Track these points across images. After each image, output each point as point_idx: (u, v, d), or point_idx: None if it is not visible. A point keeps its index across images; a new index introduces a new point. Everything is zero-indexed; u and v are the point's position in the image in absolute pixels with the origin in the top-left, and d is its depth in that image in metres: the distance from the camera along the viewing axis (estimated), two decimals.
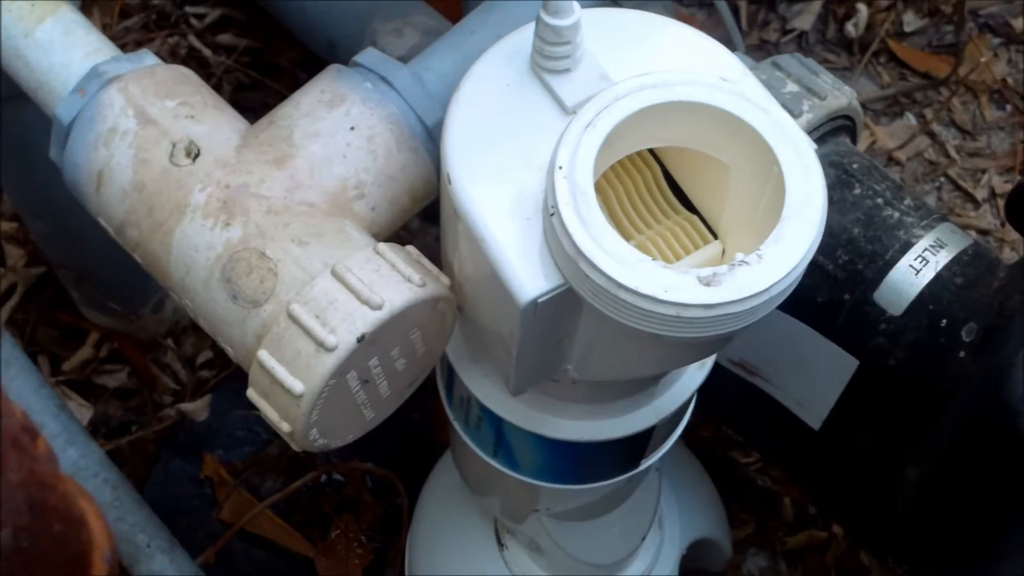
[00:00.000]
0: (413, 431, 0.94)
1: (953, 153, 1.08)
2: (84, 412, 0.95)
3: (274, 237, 0.56)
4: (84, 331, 0.98)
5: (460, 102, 0.56)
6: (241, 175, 0.58)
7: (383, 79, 0.61)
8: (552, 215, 0.50)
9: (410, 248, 0.59)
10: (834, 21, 1.14)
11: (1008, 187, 1.07)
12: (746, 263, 0.50)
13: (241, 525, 0.87)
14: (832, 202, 0.69)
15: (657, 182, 0.59)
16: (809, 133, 0.69)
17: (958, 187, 1.08)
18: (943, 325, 0.66)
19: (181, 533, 0.81)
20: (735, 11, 1.15)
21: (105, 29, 1.07)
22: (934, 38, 1.13)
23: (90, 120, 0.60)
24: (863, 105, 1.11)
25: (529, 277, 0.52)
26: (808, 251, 0.50)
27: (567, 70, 0.55)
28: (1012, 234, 1.05)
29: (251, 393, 0.56)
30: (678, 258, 0.57)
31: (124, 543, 0.72)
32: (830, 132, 0.71)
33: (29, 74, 0.64)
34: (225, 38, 1.10)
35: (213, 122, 0.60)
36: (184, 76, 0.62)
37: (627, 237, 0.57)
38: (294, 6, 1.02)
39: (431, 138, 0.61)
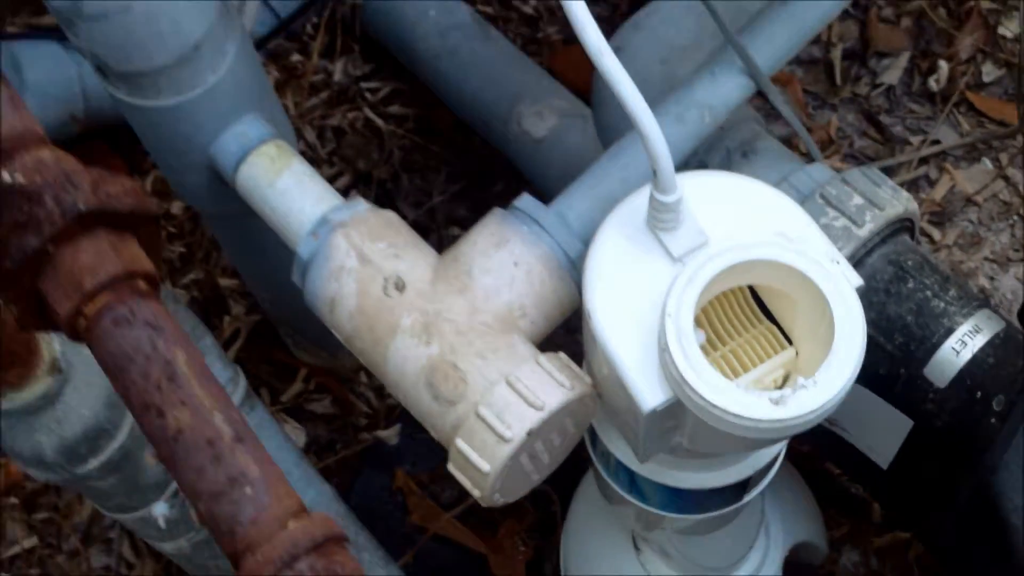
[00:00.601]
0: None
1: None
2: (299, 434, 1.18)
3: (463, 353, 0.77)
4: (295, 368, 1.21)
5: (595, 252, 0.75)
6: (436, 303, 0.79)
7: (536, 222, 0.81)
8: (664, 351, 0.70)
9: (561, 355, 0.79)
10: (919, 75, 1.30)
11: None
12: (804, 387, 0.69)
13: (432, 531, 1.10)
14: (890, 294, 0.87)
15: (746, 298, 0.78)
16: (872, 238, 0.87)
17: None
18: (978, 396, 0.84)
19: (379, 535, 1.04)
20: (830, 67, 1.31)
21: (296, 107, 1.29)
22: (1010, 87, 1.29)
23: (323, 259, 0.81)
24: (945, 152, 1.28)
25: (649, 391, 0.71)
26: (851, 377, 0.69)
27: (674, 228, 0.74)
28: None
29: (451, 467, 0.78)
30: (762, 361, 0.76)
31: None
32: (891, 234, 0.89)
33: (272, 215, 0.85)
34: (395, 108, 1.31)
35: (413, 259, 0.81)
36: (388, 221, 0.83)
37: (723, 343, 0.76)
38: (452, 90, 1.22)
39: (574, 267, 0.81)
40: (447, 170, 1.29)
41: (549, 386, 0.76)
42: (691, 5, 0.97)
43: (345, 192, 1.28)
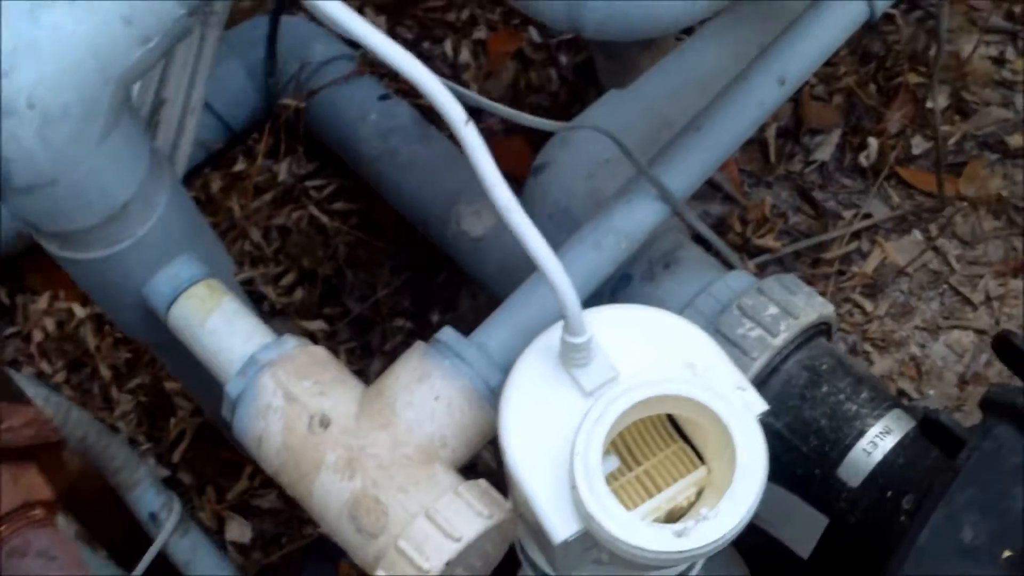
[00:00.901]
0: None
1: (954, 263, 1.28)
2: (245, 530, 1.21)
3: (385, 487, 0.80)
4: (241, 465, 1.24)
5: (510, 388, 0.78)
6: (359, 439, 0.82)
7: (457, 355, 0.84)
8: (572, 488, 0.73)
9: (481, 482, 0.82)
10: (850, 150, 1.34)
11: (1002, 291, 1.26)
12: (706, 519, 0.72)
13: None
14: (805, 399, 0.91)
15: (661, 420, 0.81)
16: (787, 346, 0.90)
17: (958, 293, 1.27)
18: (889, 496, 0.87)
19: None
20: (764, 146, 1.35)
21: (241, 209, 1.32)
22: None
23: (251, 398, 0.84)
24: (876, 225, 1.31)
25: (561, 523, 0.74)
26: (752, 507, 0.72)
27: (585, 364, 0.77)
28: None
29: None
30: (675, 480, 0.79)
31: None
32: (806, 340, 0.92)
33: (203, 353, 0.88)
34: (339, 205, 1.34)
35: (338, 396, 0.84)
36: (315, 358, 0.86)
37: (638, 463, 0.79)
38: (392, 191, 1.25)
39: (494, 395, 0.84)
40: (391, 263, 1.32)
41: (467, 516, 0.79)
42: (614, 121, 1.00)
43: (292, 289, 1.31)
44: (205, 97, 0.91)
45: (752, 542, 1.03)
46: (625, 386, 0.76)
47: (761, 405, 0.77)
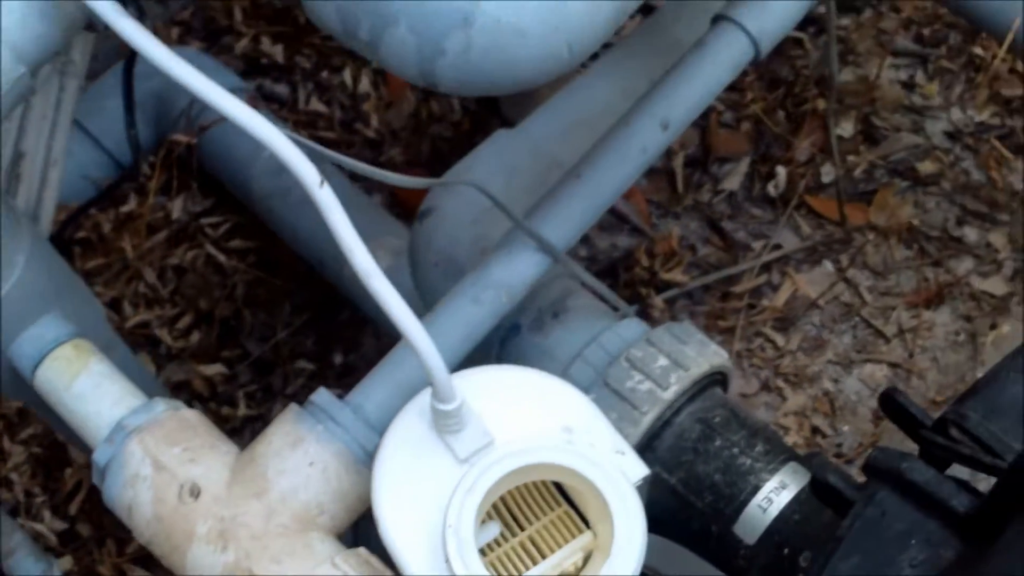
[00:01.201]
0: None
1: (866, 295, 1.26)
2: None
3: (258, 559, 0.77)
4: None
5: (383, 456, 0.75)
6: (231, 508, 0.78)
7: (331, 418, 0.81)
8: (446, 561, 0.70)
9: (360, 550, 0.79)
10: (759, 179, 1.31)
11: (915, 323, 1.24)
12: None
13: None
14: (698, 453, 0.88)
15: (544, 483, 0.78)
16: (678, 399, 0.88)
17: (870, 325, 1.25)
18: (786, 553, 0.84)
19: None
20: (671, 176, 1.32)
21: (134, 249, 1.28)
22: (848, 187, 1.30)
23: (119, 467, 0.80)
24: (787, 256, 1.29)
25: None
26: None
27: (458, 430, 0.74)
28: (919, 364, 1.23)
29: None
30: (560, 546, 0.75)
31: None
32: (699, 391, 0.90)
33: (71, 418, 0.84)
34: (236, 243, 1.30)
35: (209, 463, 0.80)
36: (186, 422, 0.82)
37: (521, 528, 0.76)
38: (286, 230, 1.22)
39: (371, 459, 0.81)
40: (291, 302, 1.28)
41: None
42: (501, 167, 0.98)
43: (188, 332, 1.27)
44: (73, 144, 0.87)
45: None
46: (500, 453, 0.73)
47: (641, 470, 0.75)
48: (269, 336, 1.27)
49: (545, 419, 0.75)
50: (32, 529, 1.18)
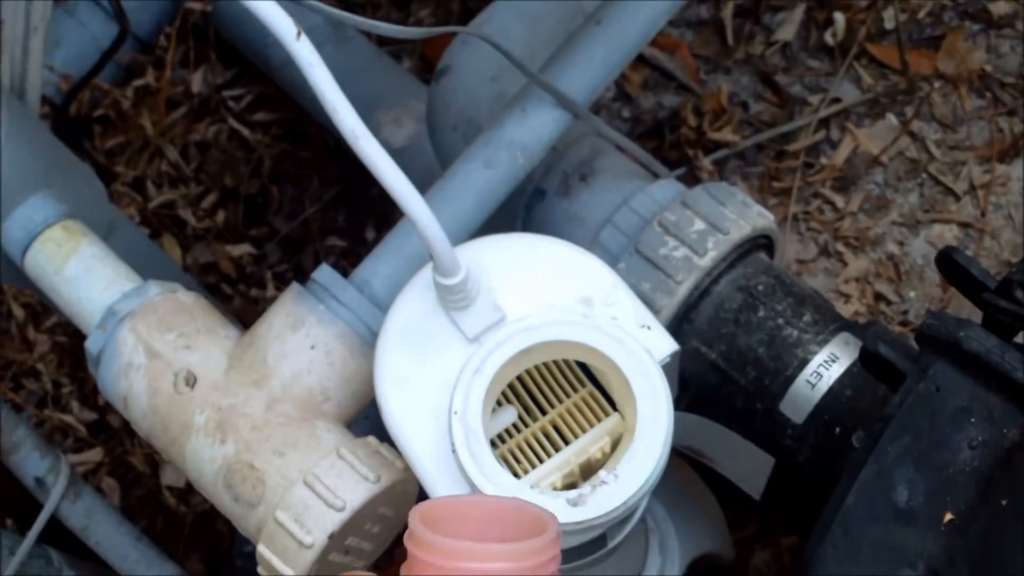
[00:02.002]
0: None
1: (934, 149, 1.16)
2: (181, 474, 1.13)
3: (259, 451, 0.71)
4: None
5: (386, 337, 0.69)
6: (230, 397, 0.73)
7: (334, 298, 0.74)
8: (452, 452, 0.64)
9: (370, 439, 0.73)
10: (816, 28, 1.21)
11: (987, 178, 1.14)
12: (605, 483, 0.63)
13: None
14: (740, 324, 0.80)
15: (567, 361, 0.71)
16: (716, 266, 0.80)
17: (938, 182, 1.15)
18: (837, 432, 0.77)
19: None
20: (720, 27, 1.22)
21: (154, 126, 1.21)
22: (913, 33, 1.20)
23: (112, 355, 0.75)
24: (847, 111, 1.19)
25: (443, 488, 0.65)
26: (657, 467, 0.63)
27: (466, 306, 0.67)
28: (992, 223, 1.13)
29: (261, 570, 0.72)
30: (585, 431, 0.69)
31: None
32: (740, 257, 0.82)
33: (63, 304, 0.79)
34: (260, 116, 1.23)
35: (205, 349, 0.74)
36: (181, 306, 0.76)
37: (543, 412, 0.69)
38: (307, 99, 1.15)
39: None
40: (320, 176, 1.22)
41: (351, 481, 0.70)
42: (520, 15, 0.89)
43: (214, 211, 1.21)
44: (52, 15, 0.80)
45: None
46: (512, 330, 0.67)
47: (668, 346, 0.68)
48: (298, 212, 1.21)
49: (562, 291, 0.69)
50: (60, 421, 1.15)
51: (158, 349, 0.74)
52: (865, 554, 0.59)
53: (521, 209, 0.87)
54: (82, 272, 0.78)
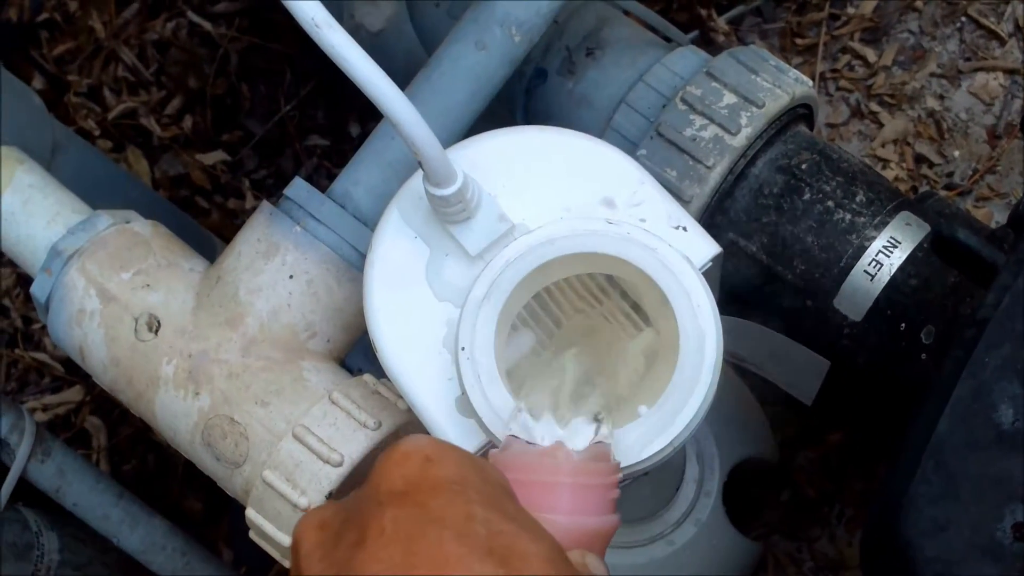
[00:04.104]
0: None
1: None
2: None
3: (238, 401, 0.61)
4: None
5: (374, 263, 0.58)
6: (200, 341, 0.62)
7: (311, 216, 0.63)
8: (463, 395, 0.54)
9: (367, 378, 0.63)
10: None
11: None
12: (644, 420, 0.53)
13: None
14: (783, 212, 0.70)
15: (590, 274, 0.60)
16: (751, 144, 0.69)
17: (980, 26, 1.03)
18: (902, 329, 0.67)
19: None
20: None
21: (106, 27, 1.09)
22: None
23: (60, 301, 0.65)
24: None
25: (453, 434, 0.56)
26: (705, 399, 0.53)
27: (467, 218, 0.57)
28: None
29: (252, 535, 0.63)
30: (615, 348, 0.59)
31: None
32: (778, 132, 0.71)
33: (3, 244, 0.68)
34: (222, 6, 1.11)
35: (168, 285, 0.64)
36: (136, 237, 0.66)
37: (568, 318, 0.59)
38: None
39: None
40: (293, 69, 1.10)
41: (348, 430, 0.60)
42: None
43: (180, 117, 1.10)
44: None
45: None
46: (522, 245, 0.56)
47: (708, 248, 0.57)
48: (273, 112, 1.09)
49: (579, 193, 0.58)
50: (33, 360, 1.05)
51: (113, 291, 0.64)
52: (964, 490, 0.49)
53: (520, 95, 0.76)
54: (18, 207, 0.68)
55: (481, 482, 0.42)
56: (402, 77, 0.95)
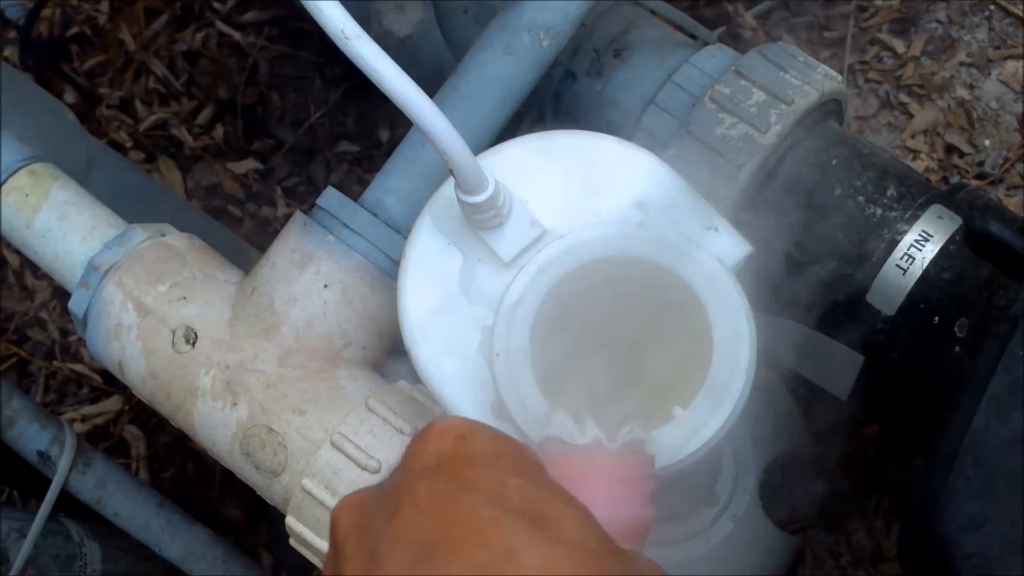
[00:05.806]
0: None
1: None
2: None
3: (276, 411, 0.62)
4: None
5: (407, 271, 0.59)
6: (236, 352, 0.63)
7: (344, 226, 0.64)
8: (499, 402, 0.54)
9: (402, 385, 0.64)
10: None
11: None
12: (679, 421, 0.53)
13: None
14: (815, 207, 0.70)
15: None
16: (781, 142, 0.69)
17: (1009, 13, 1.03)
18: (936, 322, 0.67)
19: None
20: None
21: (135, 39, 1.10)
22: None
23: (99, 316, 0.66)
24: None
25: None
26: (740, 398, 0.53)
27: (499, 224, 0.57)
28: None
29: (292, 542, 0.63)
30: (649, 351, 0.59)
31: None
32: (808, 128, 0.71)
33: (40, 260, 0.69)
34: (250, 16, 1.12)
35: (203, 297, 0.65)
36: (171, 250, 0.66)
37: (602, 320, 0.59)
38: None
39: None
40: (322, 77, 1.10)
41: (385, 437, 0.61)
42: None
43: (211, 126, 1.10)
44: None
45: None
46: (554, 250, 0.56)
47: (740, 249, 0.57)
48: (303, 119, 1.10)
49: (610, 196, 0.58)
50: (71, 371, 1.06)
51: (149, 304, 0.65)
52: (1001, 485, 0.49)
53: (549, 99, 0.76)
54: (55, 223, 0.68)
55: (515, 455, 0.42)
56: (431, 81, 0.95)
